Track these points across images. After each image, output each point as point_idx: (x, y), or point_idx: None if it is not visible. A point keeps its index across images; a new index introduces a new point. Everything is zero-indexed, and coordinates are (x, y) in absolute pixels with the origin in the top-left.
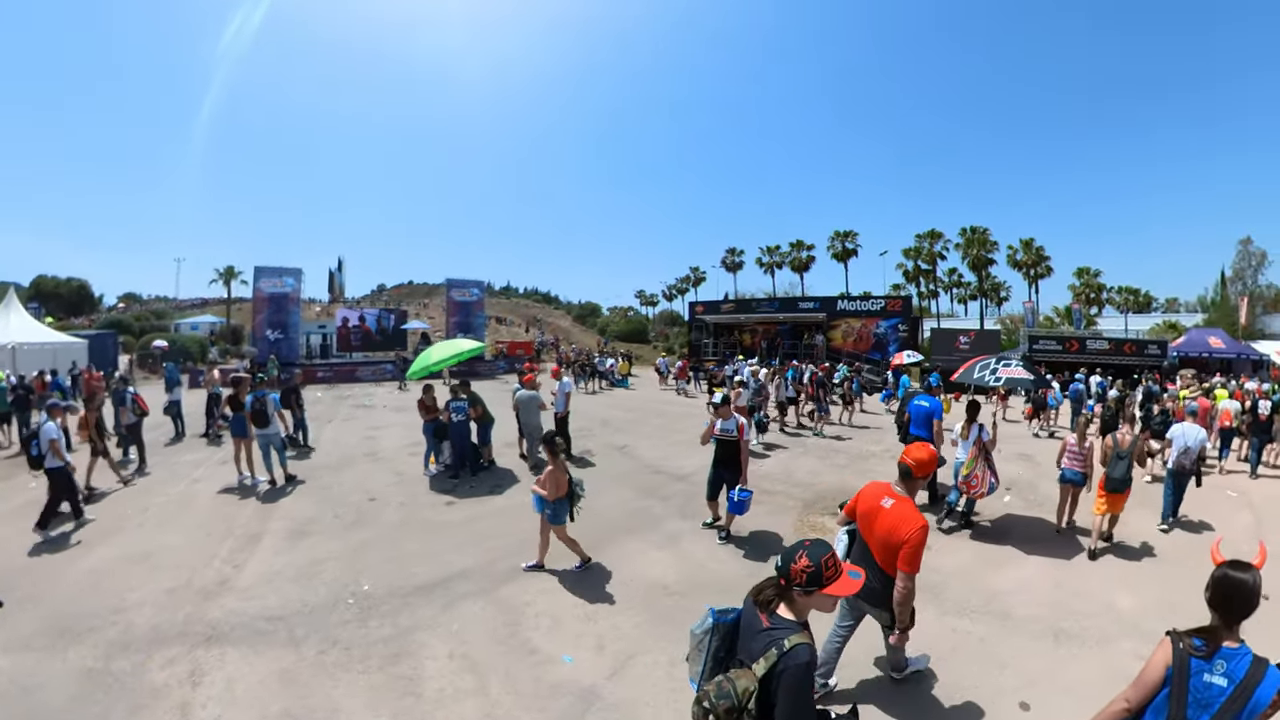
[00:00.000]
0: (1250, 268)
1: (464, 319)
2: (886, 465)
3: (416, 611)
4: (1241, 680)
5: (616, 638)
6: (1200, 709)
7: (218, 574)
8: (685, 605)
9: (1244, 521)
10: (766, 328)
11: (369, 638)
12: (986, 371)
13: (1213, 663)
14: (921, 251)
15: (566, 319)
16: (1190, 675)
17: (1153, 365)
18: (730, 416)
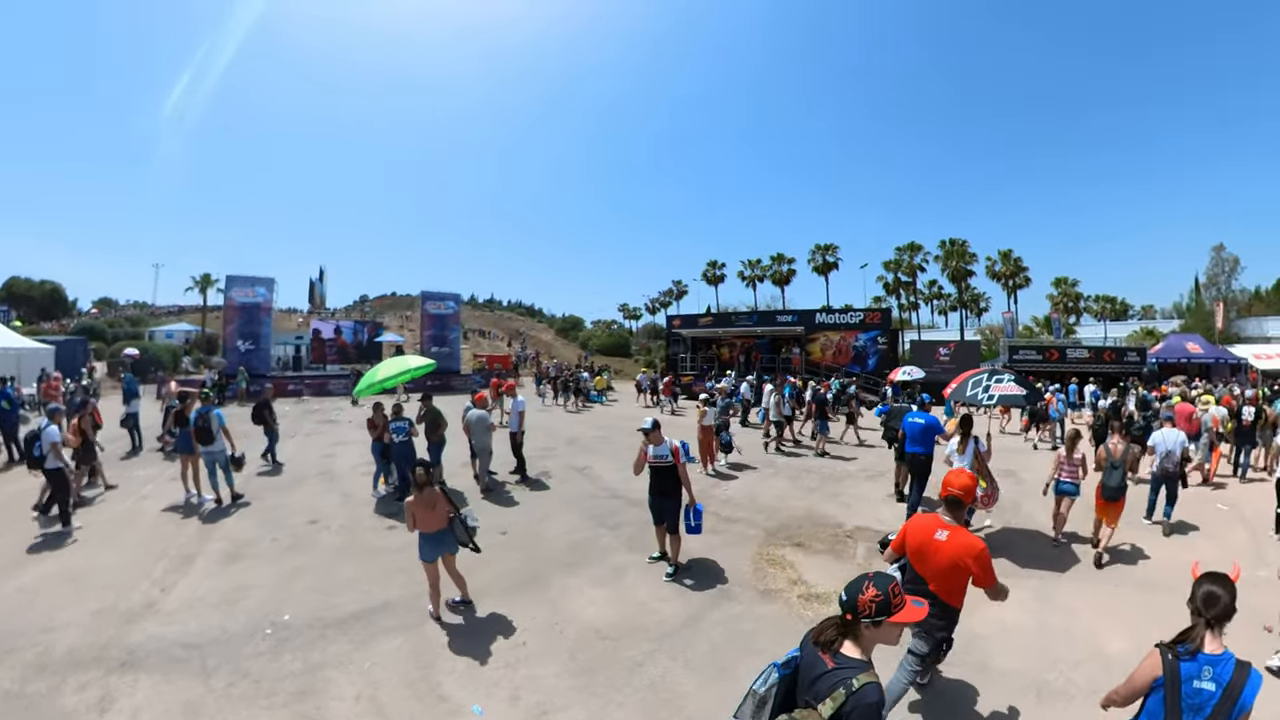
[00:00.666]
0: (1224, 273)
1: (439, 332)
2: (860, 486)
3: (331, 646)
4: (1228, 685)
5: (534, 688)
6: (1194, 713)
7: (145, 596)
8: (615, 652)
9: (1239, 539)
10: (744, 341)
11: (280, 671)
12: (980, 390)
13: (1200, 669)
14: (901, 264)
15: (549, 332)
16: (1182, 683)
17: (1133, 372)
18: (662, 442)
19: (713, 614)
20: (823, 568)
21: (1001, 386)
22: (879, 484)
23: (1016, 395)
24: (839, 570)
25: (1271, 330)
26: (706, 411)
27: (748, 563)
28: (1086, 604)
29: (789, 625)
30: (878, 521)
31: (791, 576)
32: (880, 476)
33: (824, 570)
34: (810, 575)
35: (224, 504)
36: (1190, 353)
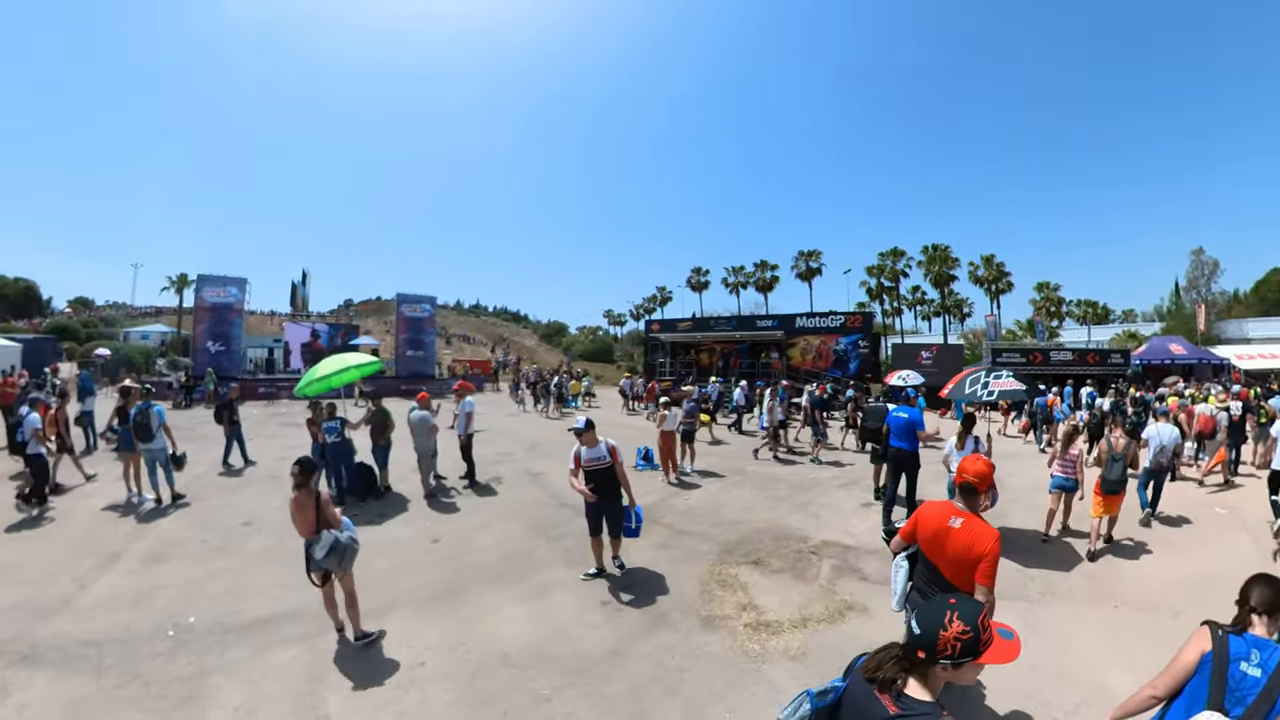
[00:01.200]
0: (1204, 277)
1: (415, 335)
2: (831, 495)
3: (228, 652)
4: (1274, 672)
5: (421, 715)
6: (1235, 703)
7: (63, 593)
8: (521, 682)
9: (1243, 547)
10: (724, 346)
11: (172, 674)
12: (978, 386)
13: (1249, 650)
14: (884, 269)
15: (533, 338)
16: (1230, 661)
17: (1117, 374)
18: (597, 443)
19: (642, 644)
20: (779, 590)
21: (1000, 382)
22: (852, 492)
23: (1016, 390)
24: (797, 592)
25: (1251, 331)
26: (666, 415)
27: (695, 583)
28: (1081, 630)
29: (728, 662)
30: (848, 535)
31: (741, 600)
32: (855, 485)
33: (780, 593)
34: (763, 599)
35: (163, 503)
36: (1174, 354)
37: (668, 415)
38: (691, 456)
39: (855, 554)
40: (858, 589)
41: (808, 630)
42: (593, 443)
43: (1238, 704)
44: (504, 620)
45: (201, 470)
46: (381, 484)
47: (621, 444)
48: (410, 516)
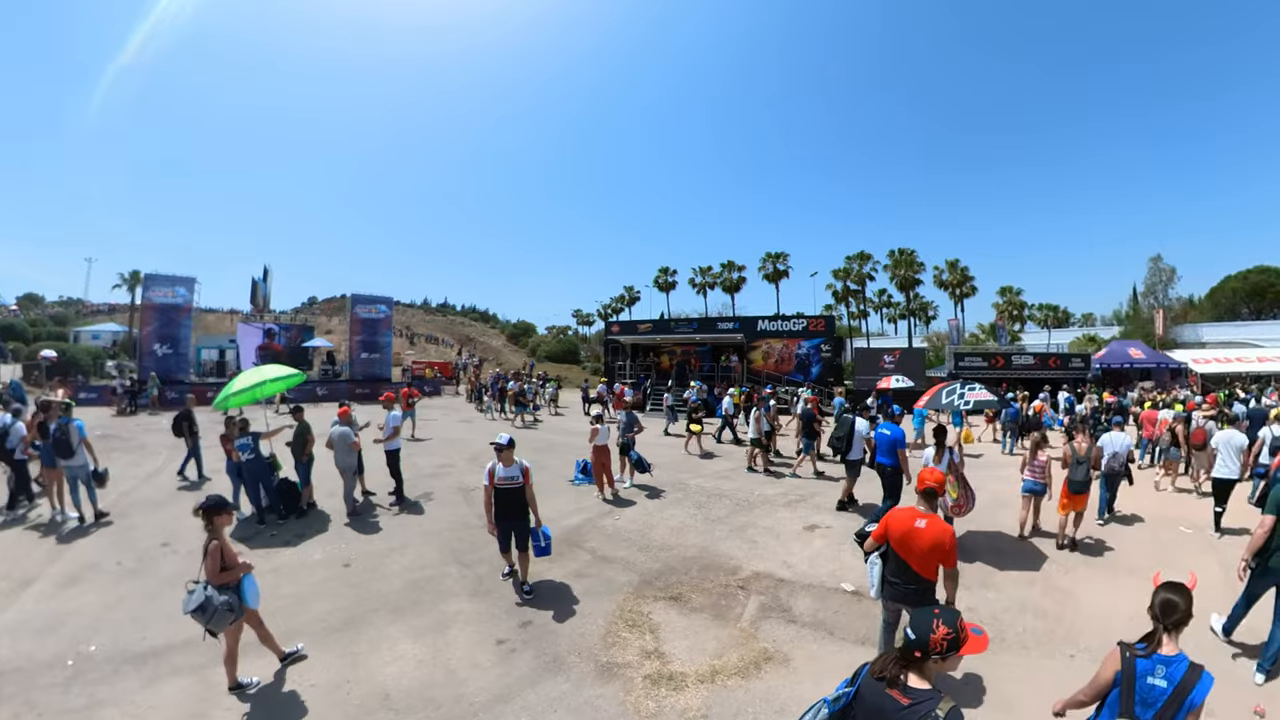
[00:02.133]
0: (1161, 283)
1: (370, 336)
2: (775, 516)
3: (120, 683)
4: (1179, 683)
5: None
6: (1145, 707)
7: None
8: None
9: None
10: (685, 349)
11: (64, 706)
12: (955, 397)
13: (1154, 667)
14: (850, 272)
15: (500, 338)
16: (1136, 678)
17: (1078, 377)
18: (512, 462)
19: (529, 693)
20: (693, 633)
21: (975, 394)
22: (798, 511)
23: (990, 399)
24: (713, 637)
25: (1206, 336)
26: (599, 429)
27: (603, 620)
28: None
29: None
30: (784, 566)
31: (647, 646)
32: (803, 502)
33: (693, 636)
34: (673, 644)
35: (85, 522)
36: (1133, 358)
37: (599, 429)
38: (630, 470)
39: (788, 590)
40: (782, 635)
41: (715, 686)
42: (509, 461)
43: (1149, 708)
44: (394, 657)
45: (131, 485)
46: (305, 501)
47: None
48: (328, 538)
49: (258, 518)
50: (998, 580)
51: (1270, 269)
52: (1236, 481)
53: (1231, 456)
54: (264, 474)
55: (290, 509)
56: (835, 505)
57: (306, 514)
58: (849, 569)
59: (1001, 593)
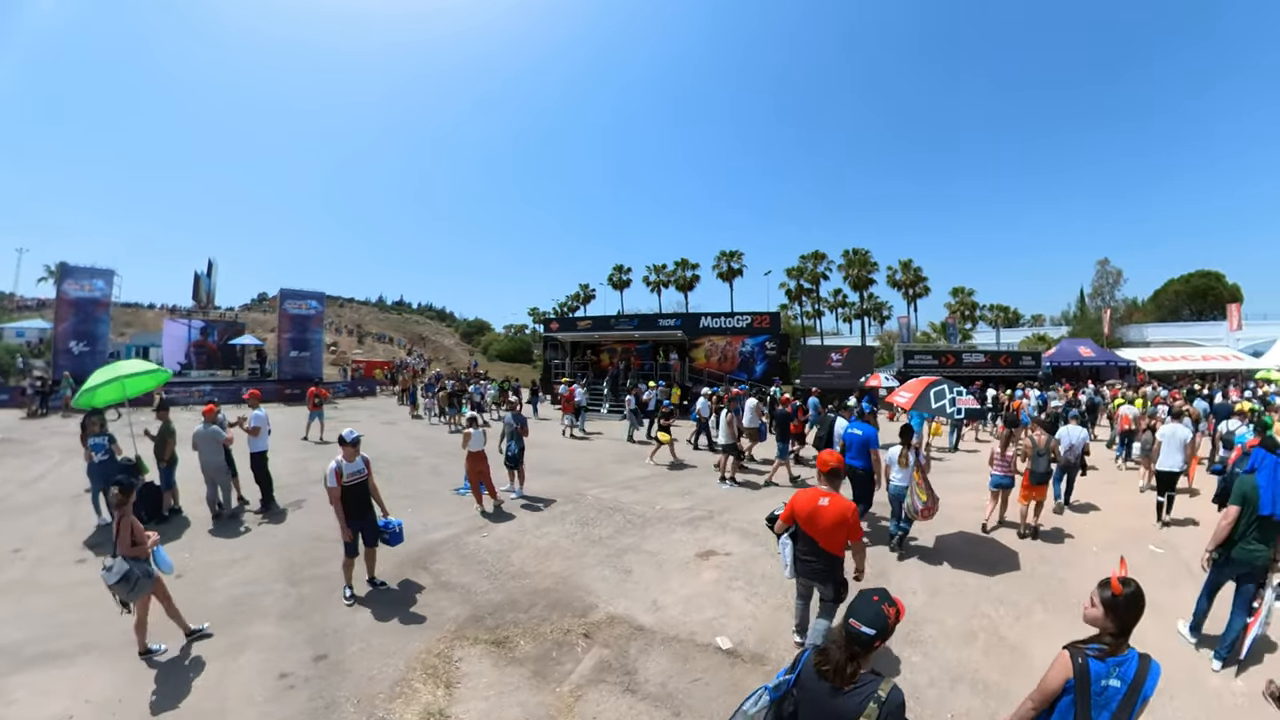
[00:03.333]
0: (1108, 285)
1: (300, 334)
2: (668, 537)
3: None
4: (1132, 680)
5: None
6: (1101, 709)
7: None
8: None
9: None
10: (625, 347)
11: None
12: (945, 402)
13: (1109, 669)
14: (804, 271)
15: (453, 337)
16: (1092, 682)
17: (1029, 375)
18: (355, 458)
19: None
20: (498, 693)
21: (963, 399)
22: (700, 532)
23: (976, 408)
24: (518, 703)
25: (1150, 336)
26: (471, 434)
27: (403, 663)
28: None
29: None
30: (650, 608)
31: (435, 704)
32: (709, 520)
33: (495, 699)
34: (465, 706)
35: None
36: (1082, 356)
37: (472, 434)
38: (520, 479)
39: (643, 643)
40: (611, 710)
41: None
42: (353, 457)
43: (1104, 709)
44: (179, 680)
45: (9, 490)
46: (166, 506)
47: None
48: (177, 546)
49: None
50: (929, 635)
51: (1210, 273)
52: (1180, 474)
53: (1175, 449)
54: (111, 476)
55: (151, 514)
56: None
57: (168, 519)
58: (734, 615)
59: (931, 655)
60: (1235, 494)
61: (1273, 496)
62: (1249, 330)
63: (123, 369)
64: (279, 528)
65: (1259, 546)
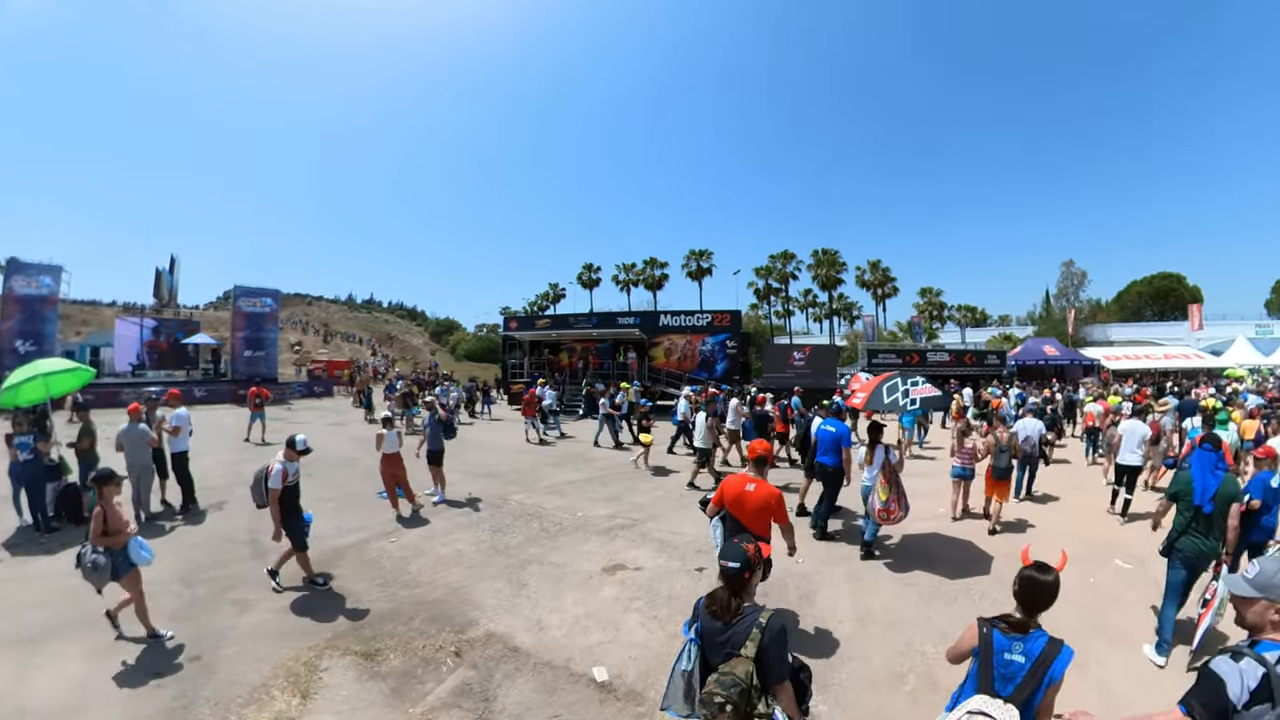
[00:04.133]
0: (1073, 286)
1: (254, 333)
2: (576, 550)
3: None
4: (1038, 657)
5: None
6: (1005, 682)
7: None
8: None
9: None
10: (585, 346)
11: None
12: (899, 394)
13: (1011, 643)
14: (773, 271)
15: (422, 336)
16: (994, 653)
17: (994, 374)
18: (296, 459)
19: None
20: (350, 709)
21: (920, 389)
22: (614, 543)
23: (936, 396)
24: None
25: (1114, 335)
26: (385, 436)
27: (270, 668)
28: None
29: None
30: (533, 627)
31: (287, 714)
32: (630, 529)
33: (348, 714)
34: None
35: None
36: (1047, 355)
37: (385, 436)
38: (441, 483)
39: (513, 666)
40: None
41: None
42: (294, 458)
43: (1008, 683)
44: (55, 675)
45: None
46: (88, 507)
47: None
48: None
49: (37, 524)
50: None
51: (1172, 275)
52: (1140, 469)
53: (1135, 444)
54: (43, 478)
55: (72, 515)
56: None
57: (89, 520)
58: (622, 641)
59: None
60: (1170, 487)
61: (1203, 489)
62: (1209, 330)
63: (43, 367)
64: (195, 529)
65: (1202, 539)
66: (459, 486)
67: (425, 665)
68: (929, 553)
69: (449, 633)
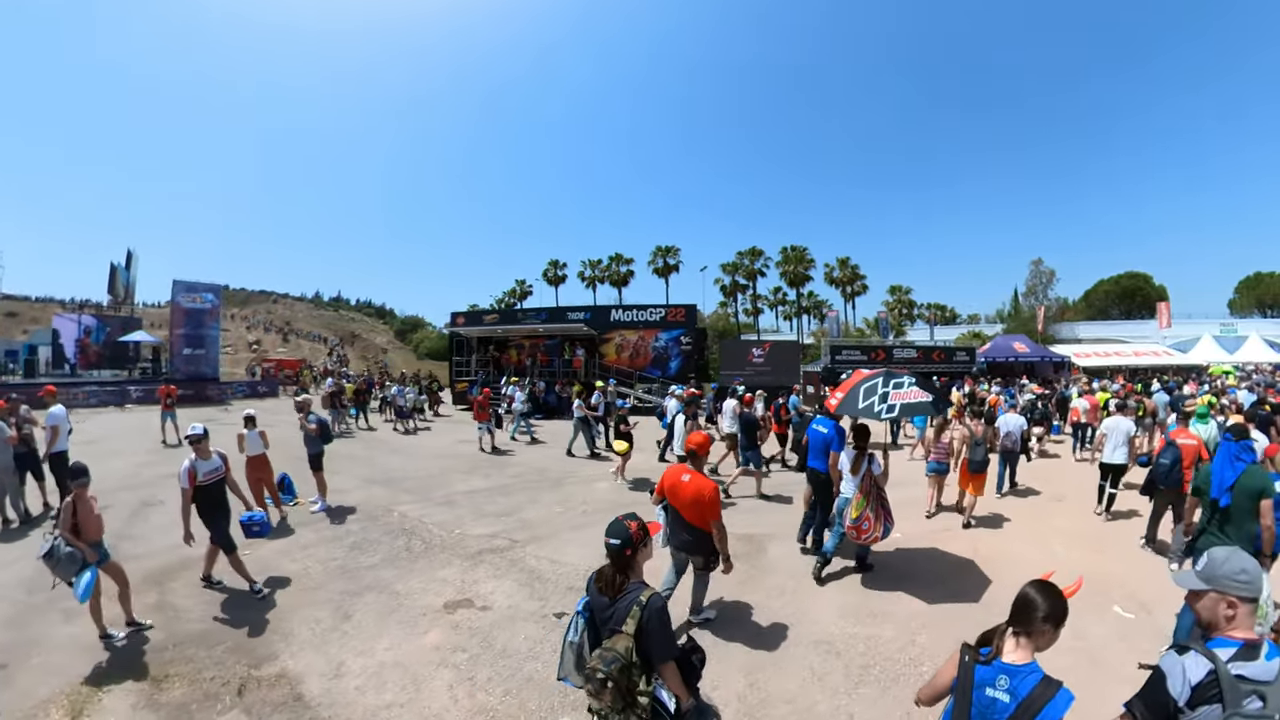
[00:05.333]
0: (1041, 284)
1: (194, 330)
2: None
3: None
4: (1025, 699)
5: None
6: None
7: None
8: None
9: None
10: (533, 342)
11: None
12: (875, 398)
13: (995, 677)
14: (740, 267)
15: (387, 334)
16: (974, 687)
17: (963, 371)
18: (210, 455)
19: None
20: None
21: (902, 393)
22: (476, 571)
23: (922, 402)
24: None
25: (1082, 333)
26: (245, 436)
27: (60, 684)
28: None
29: None
30: (331, 673)
31: None
32: (499, 554)
33: None
34: None
35: None
36: (1017, 352)
37: (245, 436)
38: (323, 490)
39: (289, 716)
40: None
41: None
42: (207, 455)
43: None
44: None
45: None
46: None
47: None
48: None
49: None
50: None
51: (1139, 274)
52: (1125, 467)
53: (1120, 442)
54: None
55: None
56: None
57: None
58: (416, 708)
59: None
60: (1193, 480)
61: (1220, 481)
62: (1175, 329)
63: None
64: None
65: (1219, 537)
66: (350, 494)
67: (204, 700)
68: (893, 569)
69: (244, 665)
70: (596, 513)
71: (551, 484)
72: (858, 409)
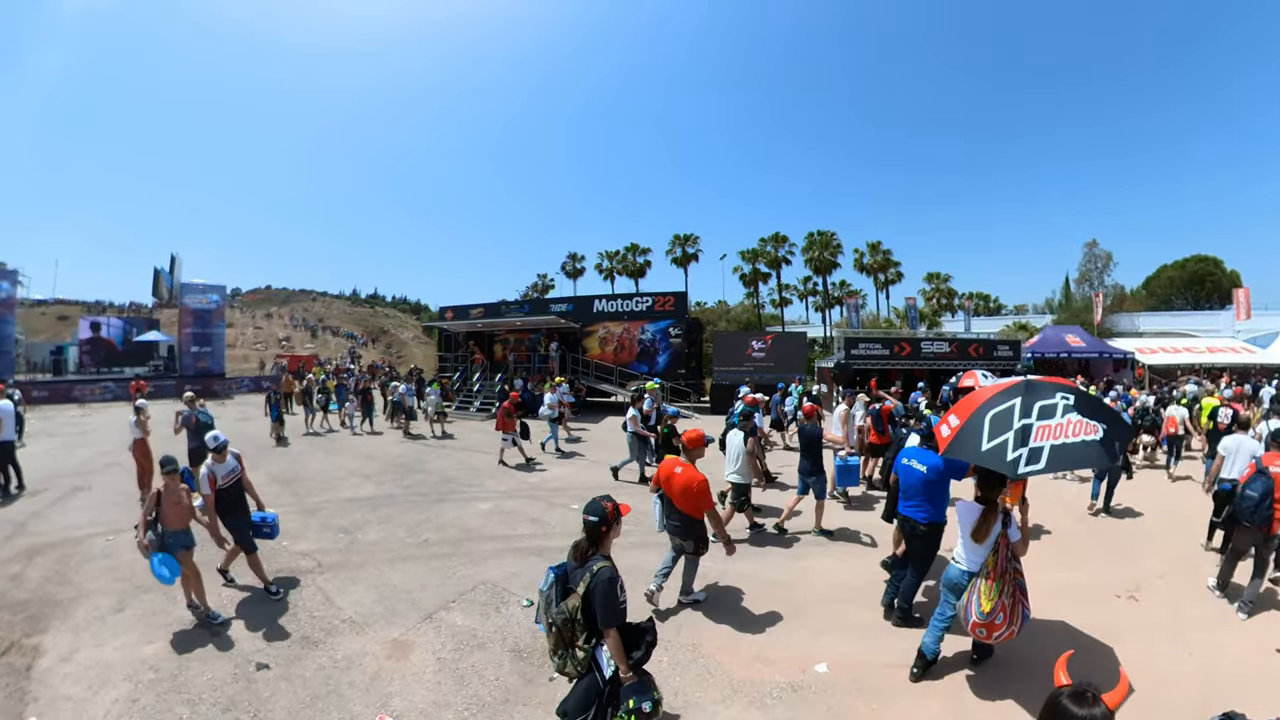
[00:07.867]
0: (1096, 269)
1: (201, 329)
2: None
3: None
4: None
5: None
6: None
7: None
8: None
9: None
10: (518, 336)
11: None
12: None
13: None
14: (761, 254)
15: (415, 330)
16: None
17: (1007, 368)
18: (227, 458)
19: None
20: None
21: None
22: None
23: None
24: None
25: (1143, 325)
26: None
27: None
28: None
29: None
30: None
31: None
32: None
33: None
34: None
35: None
36: (1070, 346)
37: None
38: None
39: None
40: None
41: None
42: (223, 459)
43: None
44: None
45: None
46: None
47: None
48: None
49: None
50: None
51: (1208, 258)
52: None
53: (1243, 467)
54: None
55: None
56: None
57: None
58: None
59: None
60: None
61: None
62: (1252, 321)
63: None
64: None
65: None
66: None
67: None
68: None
69: (17, 631)
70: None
71: (436, 499)
72: (980, 452)
